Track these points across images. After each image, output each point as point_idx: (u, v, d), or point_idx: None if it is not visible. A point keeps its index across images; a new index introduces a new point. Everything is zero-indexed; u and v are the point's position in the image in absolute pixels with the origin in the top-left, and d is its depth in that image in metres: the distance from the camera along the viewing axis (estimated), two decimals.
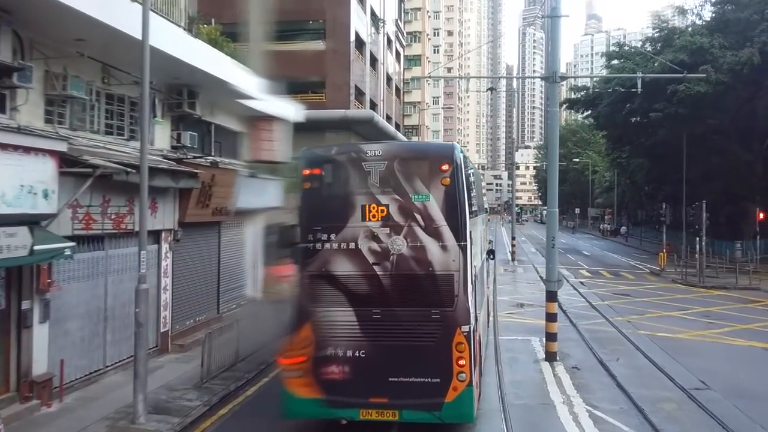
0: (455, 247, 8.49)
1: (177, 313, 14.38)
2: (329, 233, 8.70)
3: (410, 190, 8.59)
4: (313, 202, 8.83)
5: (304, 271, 8.73)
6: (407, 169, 8.66)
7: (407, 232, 8.56)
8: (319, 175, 8.82)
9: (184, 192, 13.96)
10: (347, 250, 8.65)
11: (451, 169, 8.54)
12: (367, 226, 8.64)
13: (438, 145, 9.62)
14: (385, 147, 8.92)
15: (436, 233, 8.52)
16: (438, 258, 8.50)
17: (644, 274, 32.29)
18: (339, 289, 8.65)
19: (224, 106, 16.67)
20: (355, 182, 8.75)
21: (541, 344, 14.64)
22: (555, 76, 13.06)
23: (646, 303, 21.80)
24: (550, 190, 13.23)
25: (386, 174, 8.68)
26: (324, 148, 9.20)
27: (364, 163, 8.74)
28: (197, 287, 15.38)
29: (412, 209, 8.57)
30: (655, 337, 15.88)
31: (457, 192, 8.54)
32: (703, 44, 34.87)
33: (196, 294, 15.35)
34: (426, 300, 8.50)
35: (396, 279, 8.56)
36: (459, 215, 8.53)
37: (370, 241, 8.62)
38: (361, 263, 8.61)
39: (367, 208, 8.67)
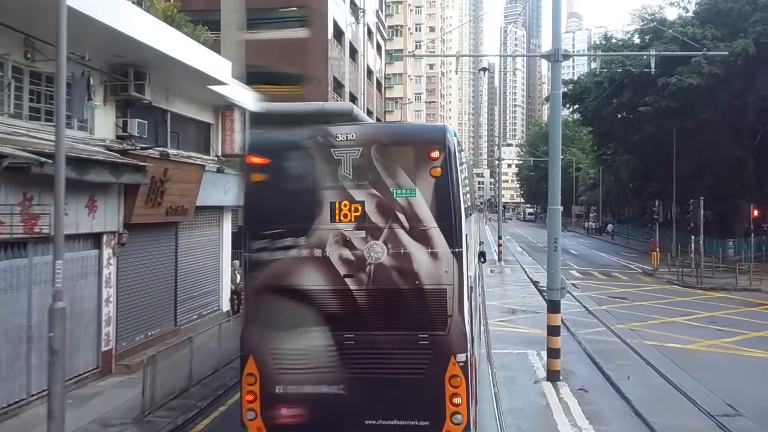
0: (448, 254, 6.75)
1: (123, 328, 12.47)
2: (287, 238, 6.90)
3: (391, 184, 6.83)
4: (266, 200, 7.03)
5: (254, 287, 6.95)
6: (388, 156, 6.89)
7: (388, 235, 6.80)
8: (272, 165, 7.02)
9: (130, 189, 12.06)
10: (311, 259, 6.87)
11: (443, 157, 6.78)
12: (337, 228, 6.87)
13: (426, 127, 7.86)
14: (359, 129, 7.13)
15: (424, 237, 6.76)
16: (427, 268, 6.75)
17: (637, 274, 30.91)
18: (300, 308, 6.87)
19: (183, 91, 14.76)
20: (322, 174, 6.96)
21: (540, 359, 13.02)
22: (557, 54, 11.39)
23: (646, 307, 20.30)
24: (552, 183, 11.54)
25: (361, 163, 6.91)
26: (280, 132, 7.41)
27: (333, 149, 6.95)
28: (149, 297, 13.47)
29: (394, 207, 6.81)
30: (664, 348, 14.31)
31: (451, 185, 6.79)
32: (695, 35, 33.49)
33: (148, 305, 13.44)
34: (412, 321, 6.75)
35: (374, 295, 6.80)
36: (453, 214, 6.79)
37: (340, 247, 6.85)
38: (330, 275, 6.84)
39: (337, 207, 6.89)
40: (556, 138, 11.39)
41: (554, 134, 11.40)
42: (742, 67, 32.74)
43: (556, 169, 11.41)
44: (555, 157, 11.41)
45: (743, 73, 34.16)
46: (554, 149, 11.39)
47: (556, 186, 11.44)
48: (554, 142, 11.39)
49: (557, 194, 11.43)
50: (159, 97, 13.93)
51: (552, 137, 11.43)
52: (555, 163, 11.43)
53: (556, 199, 11.43)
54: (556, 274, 11.45)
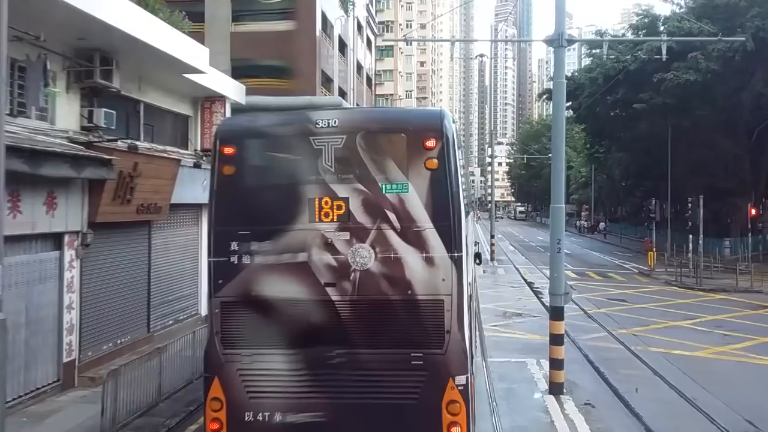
0: (446, 259, 5.82)
1: (88, 336, 11.44)
2: (259, 241, 5.95)
3: (380, 177, 5.90)
4: (235, 196, 6.07)
5: (221, 297, 5.98)
6: (376, 146, 5.95)
7: (376, 238, 5.87)
8: (243, 156, 6.05)
9: (96, 184, 11.03)
10: (287, 266, 5.93)
11: (440, 146, 5.85)
12: (318, 229, 5.92)
13: (420, 112, 6.90)
14: (343, 115, 6.18)
15: (418, 240, 5.83)
16: (421, 276, 5.82)
17: (633, 274, 30.14)
18: (273, 322, 5.93)
19: (158, 81, 13.72)
20: (299, 166, 6.02)
21: (540, 368, 12.13)
22: (561, 39, 10.47)
23: (646, 310, 19.47)
24: (555, 179, 10.61)
25: (345, 154, 5.96)
26: (252, 116, 6.44)
27: (313, 137, 5.99)
28: (119, 302, 12.43)
29: (384, 205, 5.88)
30: (671, 356, 13.45)
31: (449, 179, 5.86)
32: (692, 30, 32.72)
33: (117, 311, 12.40)
34: (403, 338, 5.82)
35: (359, 307, 5.87)
36: (451, 213, 5.86)
37: (321, 251, 5.91)
38: (309, 284, 5.90)
39: (317, 204, 5.95)
40: (560, 130, 10.46)
41: (557, 126, 10.48)
42: (739, 63, 32.05)
43: (559, 164, 10.50)
44: (558, 151, 10.50)
45: (740, 70, 33.47)
46: (557, 143, 10.48)
47: (559, 182, 10.52)
48: (557, 134, 10.46)
49: (561, 191, 10.51)
50: (130, 85, 12.90)
51: (555, 129, 10.51)
52: (558, 157, 10.51)
53: (560, 196, 10.52)
54: (559, 277, 10.53)
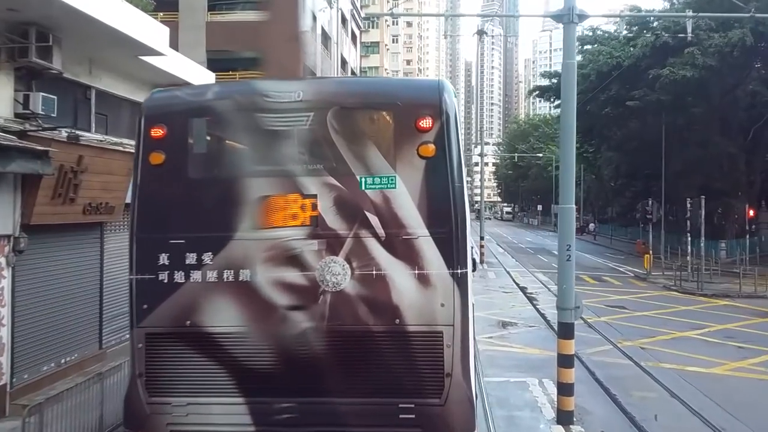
0: (445, 278, 4.38)
1: (23, 356, 9.87)
2: (197, 252, 4.46)
3: (360, 169, 4.46)
4: (166, 193, 4.60)
5: (146, 327, 4.50)
6: (353, 126, 4.51)
7: (353, 249, 4.42)
8: (176, 140, 4.58)
9: (31, 180, 9.46)
10: (234, 286, 4.46)
11: (439, 127, 4.41)
12: (275, 237, 4.46)
13: (413, 83, 5.39)
14: (311, 86, 4.72)
15: (409, 252, 4.39)
16: (413, 300, 4.38)
17: (629, 278, 28.92)
18: (214, 362, 4.45)
19: (112, 64, 12.15)
20: (251, 153, 4.55)
21: (543, 390, 10.79)
22: (572, 13, 9.07)
23: (650, 319, 18.18)
24: (564, 176, 9.21)
25: (313, 137, 4.52)
26: (189, 89, 4.98)
27: (270, 115, 4.52)
28: (62, 316, 10.87)
29: (364, 205, 4.44)
30: (687, 374, 12.12)
31: (450, 170, 4.42)
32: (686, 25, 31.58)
33: (60, 326, 10.84)
34: (389, 383, 4.38)
35: (331, 342, 4.41)
36: (453, 216, 4.42)
37: (279, 266, 4.45)
38: (263, 311, 4.44)
39: (274, 204, 4.47)
40: (570, 119, 9.05)
41: (567, 115, 9.06)
42: (737, 58, 31.00)
43: (569, 158, 9.09)
44: (568, 143, 9.08)
45: (738, 65, 32.46)
46: (567, 134, 9.07)
47: (569, 179, 9.13)
48: (567, 124, 9.05)
49: (570, 190, 9.11)
50: (78, 68, 11.35)
51: (565, 119, 9.09)
52: (568, 151, 9.10)
53: (570, 195, 9.12)
54: (569, 289, 9.13)
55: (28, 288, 9.92)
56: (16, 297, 9.63)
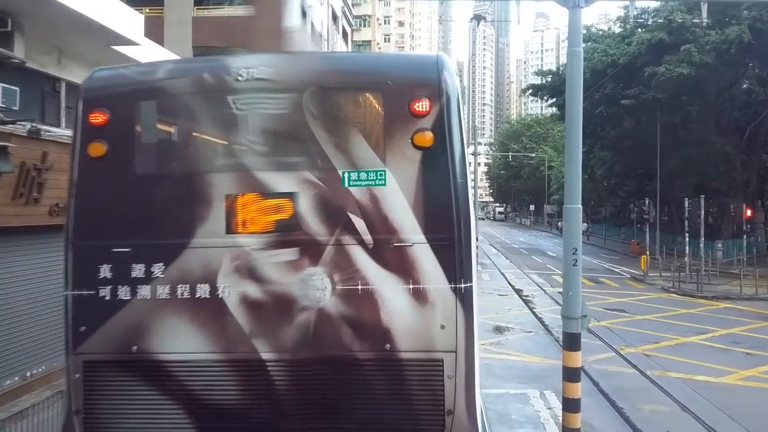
0: (446, 294, 3.63)
1: None
2: (147, 264, 3.70)
3: (342, 162, 3.70)
4: (109, 192, 3.83)
5: (84, 354, 3.74)
6: (335, 110, 3.75)
7: (334, 259, 3.66)
8: (121, 128, 3.81)
9: None
10: (191, 304, 3.69)
11: (438, 111, 3.66)
12: (240, 245, 3.69)
13: (407, 59, 4.60)
14: (284, 62, 3.95)
15: (401, 262, 3.64)
16: (407, 321, 3.62)
17: (626, 280, 28.28)
18: (170, 397, 3.67)
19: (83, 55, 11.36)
20: (212, 143, 3.79)
21: (546, 403, 10.11)
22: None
23: (651, 323, 17.53)
24: (570, 173, 8.46)
25: (286, 123, 3.75)
26: (136, 67, 4.20)
27: (234, 97, 3.76)
28: (26, 325, 10.06)
29: (347, 206, 3.68)
30: (696, 384, 11.44)
31: (451, 163, 3.68)
32: (685, 21, 31.08)
33: (25, 336, 10.04)
34: (378, 422, 3.62)
35: (308, 372, 3.64)
36: (455, 219, 3.67)
37: (245, 280, 3.69)
38: (225, 334, 3.68)
39: (239, 204, 3.71)
40: (576, 111, 8.30)
41: (573, 107, 8.31)
42: (734, 56, 30.47)
43: (575, 153, 8.33)
44: (574, 137, 8.33)
45: (735, 63, 31.97)
46: (573, 127, 8.31)
47: (575, 176, 8.37)
48: (573, 115, 8.29)
49: (577, 187, 8.35)
50: (46, 58, 10.55)
51: (570, 110, 8.34)
52: (574, 146, 8.34)
53: (576, 193, 8.36)
54: (575, 297, 8.38)
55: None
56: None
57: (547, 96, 44.97)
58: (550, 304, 20.45)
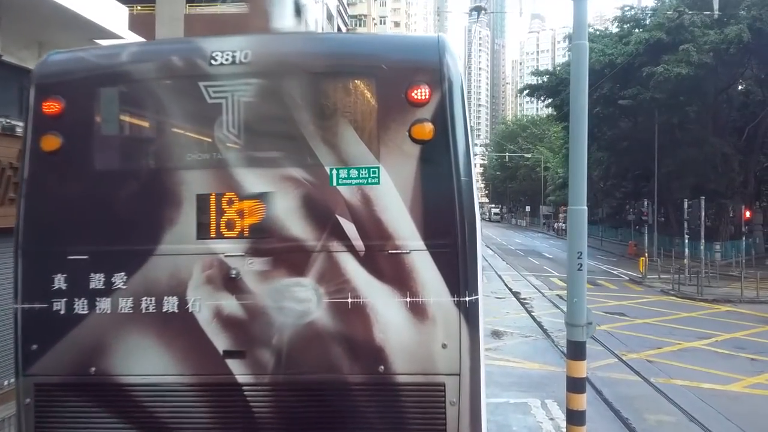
0: (448, 308, 3.19)
1: None
2: (107, 273, 3.25)
3: (330, 158, 3.26)
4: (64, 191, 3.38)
5: (35, 376, 3.29)
6: (321, 98, 3.31)
7: (321, 267, 3.22)
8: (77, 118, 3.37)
9: None
10: (156, 318, 3.24)
11: (439, 99, 3.22)
12: (213, 251, 3.25)
13: (404, 41, 4.13)
14: (263, 44, 3.50)
15: (398, 272, 3.20)
16: (403, 339, 3.18)
17: (624, 282, 27.92)
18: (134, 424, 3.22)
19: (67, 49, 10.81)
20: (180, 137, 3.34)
21: (547, 413, 9.73)
22: None
23: (652, 327, 17.14)
24: (574, 173, 8.02)
25: (265, 113, 3.31)
26: (96, 51, 3.76)
27: (207, 84, 3.32)
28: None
29: (335, 208, 3.24)
30: (702, 392, 11.03)
31: (454, 159, 3.24)
32: (683, 21, 30.80)
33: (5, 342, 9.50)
34: None
35: (290, 398, 3.19)
36: (458, 222, 3.24)
37: (219, 292, 3.24)
38: (196, 354, 3.23)
39: (212, 205, 3.26)
40: (581, 107, 7.86)
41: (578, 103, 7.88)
42: (733, 56, 30.19)
43: (580, 152, 7.90)
44: (579, 135, 7.89)
45: (733, 63, 31.72)
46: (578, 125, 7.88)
47: (580, 176, 7.92)
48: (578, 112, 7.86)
49: (582, 188, 7.89)
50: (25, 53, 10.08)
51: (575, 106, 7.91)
52: (578, 145, 7.90)
53: (581, 194, 7.91)
54: (580, 303, 7.93)
55: None
56: None
57: (544, 96, 44.64)
58: (548, 307, 20.08)
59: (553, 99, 43.22)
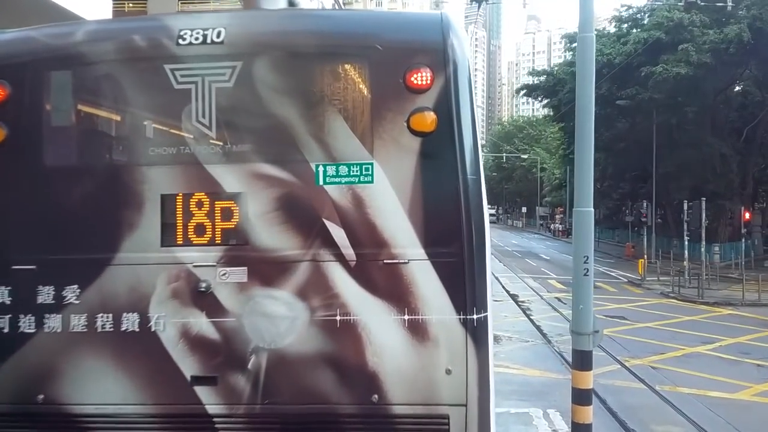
0: (454, 327, 2.74)
1: None
2: (55, 285, 2.79)
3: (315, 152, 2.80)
4: (5, 190, 2.91)
5: None
6: (305, 84, 2.85)
7: (305, 279, 2.76)
8: (24, 106, 2.92)
9: None
10: (113, 338, 2.77)
11: (443, 84, 2.77)
12: (180, 261, 2.78)
13: (402, 18, 3.65)
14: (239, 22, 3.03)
15: (393, 284, 2.74)
16: (401, 363, 2.72)
17: (623, 284, 27.58)
18: None
19: None
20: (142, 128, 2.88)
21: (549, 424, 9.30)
22: None
23: (654, 332, 16.76)
24: (580, 173, 7.61)
25: (240, 100, 2.85)
26: (48, 30, 3.29)
27: (173, 67, 2.86)
28: None
29: (321, 210, 2.78)
30: (710, 401, 10.63)
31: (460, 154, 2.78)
32: (682, 20, 30.48)
33: None
34: None
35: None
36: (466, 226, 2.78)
37: (186, 308, 2.77)
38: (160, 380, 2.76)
39: (178, 207, 2.80)
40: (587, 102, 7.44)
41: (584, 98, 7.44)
42: (733, 55, 29.88)
43: (586, 151, 7.49)
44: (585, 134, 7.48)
45: (733, 63, 31.39)
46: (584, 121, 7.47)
47: (586, 177, 7.51)
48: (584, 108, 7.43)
49: (589, 188, 7.49)
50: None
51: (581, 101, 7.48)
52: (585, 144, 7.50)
53: (587, 195, 7.50)
54: (587, 310, 7.54)
55: None
56: None
57: (541, 96, 44.29)
58: (547, 310, 19.70)
59: (551, 99, 42.85)
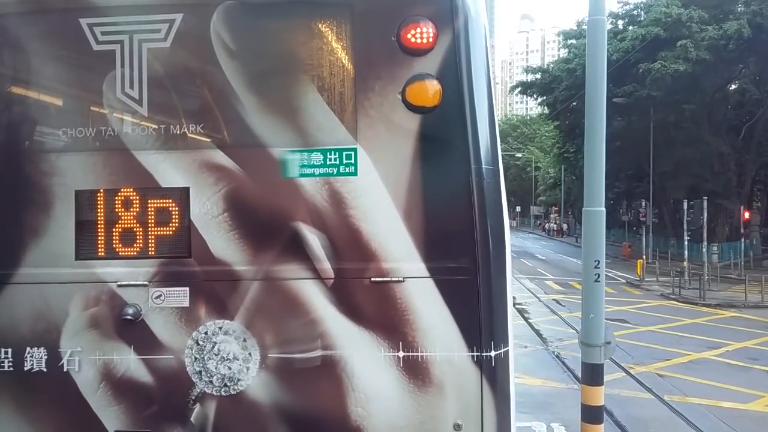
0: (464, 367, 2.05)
1: None
2: None
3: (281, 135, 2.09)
4: None
5: None
6: (267, 44, 2.15)
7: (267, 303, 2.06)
8: None
9: None
10: (15, 380, 2.06)
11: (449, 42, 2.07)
12: (101, 279, 2.07)
13: None
14: None
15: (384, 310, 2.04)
16: (396, 415, 2.02)
17: (621, 285, 27.07)
18: None
19: None
20: (56, 104, 2.18)
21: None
22: None
23: (657, 336, 16.19)
24: (590, 171, 6.97)
25: (183, 67, 2.15)
26: None
27: (91, 21, 2.15)
28: None
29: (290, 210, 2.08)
30: (722, 412, 10.03)
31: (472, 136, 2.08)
32: (681, 16, 29.98)
33: None
34: None
35: None
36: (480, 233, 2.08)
37: (110, 341, 2.06)
38: None
39: (101, 209, 2.10)
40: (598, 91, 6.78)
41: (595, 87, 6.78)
42: (732, 52, 29.43)
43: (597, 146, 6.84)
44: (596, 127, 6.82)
45: (732, 60, 30.95)
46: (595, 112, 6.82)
47: (597, 174, 6.87)
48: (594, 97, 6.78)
49: (600, 186, 6.85)
50: None
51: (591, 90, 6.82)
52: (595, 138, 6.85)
53: (599, 193, 6.87)
54: (598, 320, 6.89)
55: None
56: None
57: (536, 94, 43.73)
58: (546, 313, 19.13)
59: (546, 97, 42.29)
